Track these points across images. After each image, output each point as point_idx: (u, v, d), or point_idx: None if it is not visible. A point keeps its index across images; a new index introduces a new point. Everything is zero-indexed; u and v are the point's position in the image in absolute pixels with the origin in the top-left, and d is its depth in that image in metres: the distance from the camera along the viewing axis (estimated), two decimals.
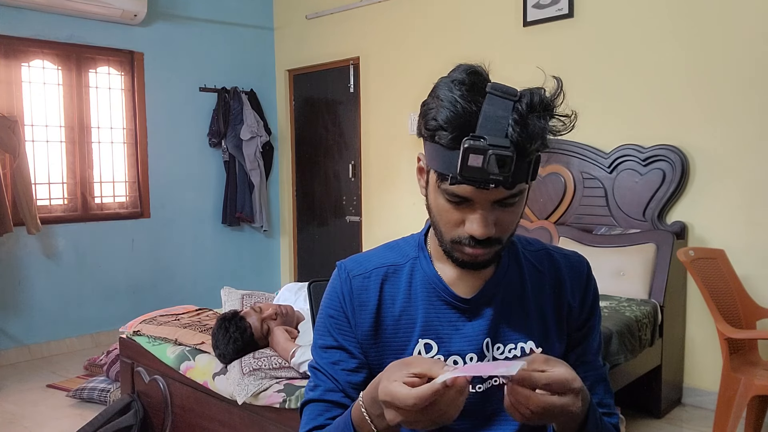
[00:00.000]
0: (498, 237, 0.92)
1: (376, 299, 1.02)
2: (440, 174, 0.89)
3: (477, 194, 0.87)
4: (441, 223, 0.94)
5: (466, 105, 0.84)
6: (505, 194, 0.88)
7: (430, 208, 0.97)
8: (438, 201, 0.92)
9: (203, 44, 4.96)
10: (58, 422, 3.13)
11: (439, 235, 0.96)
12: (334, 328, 1.03)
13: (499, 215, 0.91)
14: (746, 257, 3.03)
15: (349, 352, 1.02)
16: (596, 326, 1.10)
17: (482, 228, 0.89)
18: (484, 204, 0.89)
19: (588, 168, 3.54)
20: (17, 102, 4.11)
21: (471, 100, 0.85)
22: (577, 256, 1.10)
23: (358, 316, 1.01)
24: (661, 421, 3.07)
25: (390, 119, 4.55)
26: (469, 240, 0.91)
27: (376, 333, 1.01)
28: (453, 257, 0.96)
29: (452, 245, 0.94)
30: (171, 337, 2.65)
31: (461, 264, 0.97)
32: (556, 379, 0.81)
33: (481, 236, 0.89)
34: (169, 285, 4.82)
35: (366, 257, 1.07)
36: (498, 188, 0.86)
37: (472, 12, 4.08)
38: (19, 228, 4.01)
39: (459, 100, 0.85)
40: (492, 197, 0.88)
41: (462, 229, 0.91)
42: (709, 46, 3.14)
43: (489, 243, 0.92)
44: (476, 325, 1.00)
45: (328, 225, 5.24)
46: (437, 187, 0.91)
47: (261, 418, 2.19)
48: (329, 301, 1.05)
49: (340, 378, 1.02)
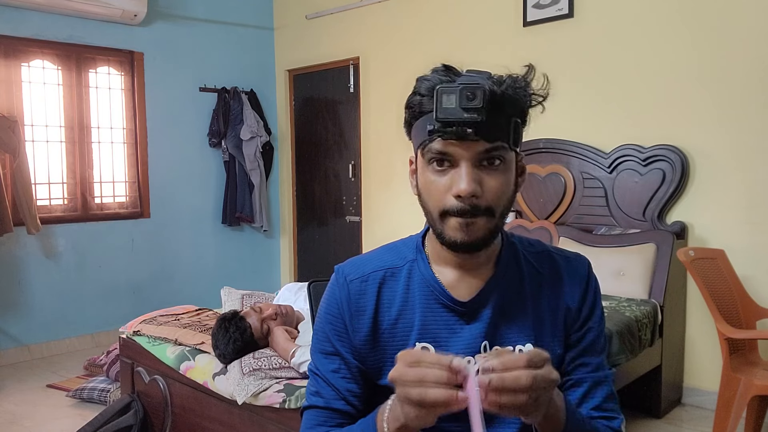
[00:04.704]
0: (487, 206, 0.91)
1: (374, 303, 1.01)
2: (422, 143, 0.92)
3: (458, 149, 0.89)
4: (430, 199, 0.94)
5: (444, 77, 0.91)
6: (486, 147, 0.89)
7: (420, 195, 0.97)
8: (426, 177, 0.94)
9: (203, 44, 4.96)
10: (58, 422, 3.13)
11: (430, 216, 0.96)
12: (332, 334, 1.03)
13: (483, 177, 0.91)
14: (746, 257, 3.03)
15: (345, 360, 1.02)
16: (596, 328, 1.08)
17: (466, 183, 0.89)
18: (467, 160, 0.90)
19: (588, 168, 3.54)
20: (17, 102, 4.11)
21: (448, 76, 0.91)
22: (579, 258, 1.09)
23: (356, 322, 1.01)
24: (661, 421, 3.07)
25: (390, 119, 4.54)
26: (458, 207, 0.90)
27: (374, 337, 1.01)
28: (445, 239, 0.94)
29: (443, 223, 0.93)
30: (171, 337, 2.65)
31: (454, 245, 0.94)
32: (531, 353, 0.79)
33: (466, 192, 0.89)
34: (169, 285, 4.82)
35: (364, 260, 1.06)
36: (478, 141, 0.88)
37: (472, 12, 4.08)
38: (19, 228, 4.01)
39: (437, 76, 0.91)
40: (473, 151, 0.89)
41: (449, 196, 0.91)
42: (710, 46, 3.14)
43: (477, 210, 0.91)
44: (474, 328, 0.99)
45: (328, 225, 5.24)
46: (424, 161, 0.93)
47: (261, 418, 2.19)
48: (327, 306, 1.05)
49: (340, 386, 1.01)
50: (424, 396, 0.77)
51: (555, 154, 3.65)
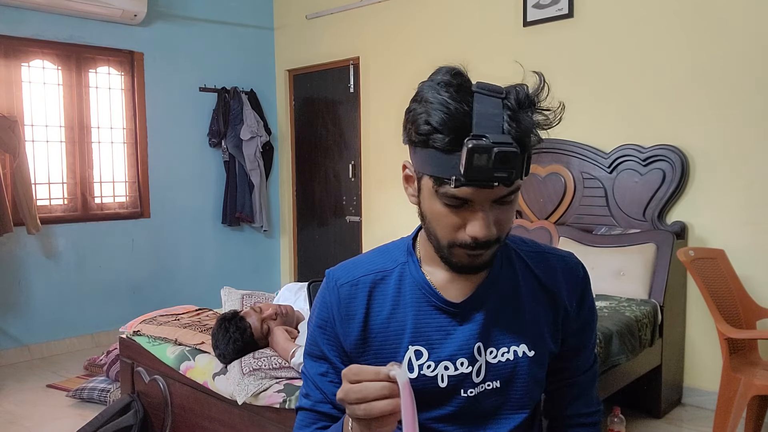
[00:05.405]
0: (497, 236, 0.91)
1: (364, 308, 1.00)
2: (437, 178, 0.87)
3: (478, 194, 0.86)
4: (439, 228, 0.92)
5: (458, 105, 0.84)
6: (504, 192, 0.87)
7: (424, 215, 0.95)
8: (434, 207, 0.91)
9: (203, 44, 4.96)
10: (58, 422, 3.13)
11: (436, 241, 0.94)
12: (322, 339, 1.03)
13: (497, 214, 0.90)
14: (746, 257, 3.03)
15: (334, 365, 1.02)
16: (590, 327, 1.11)
17: (485, 229, 0.88)
18: (484, 204, 0.88)
19: (588, 168, 3.54)
20: (17, 102, 4.11)
21: (461, 101, 0.84)
22: (574, 259, 1.09)
23: (347, 326, 1.00)
24: (661, 421, 3.07)
25: (390, 119, 4.54)
26: (471, 243, 0.90)
27: (365, 342, 1.00)
28: (451, 263, 0.95)
29: (450, 250, 0.93)
30: (171, 337, 2.65)
31: (459, 269, 0.95)
32: None
33: (484, 238, 0.88)
34: (169, 285, 4.82)
35: (355, 263, 1.06)
36: (499, 186, 0.85)
37: (472, 12, 4.08)
38: (19, 228, 4.01)
39: (450, 101, 0.84)
40: (492, 196, 0.87)
41: (462, 232, 0.90)
42: (710, 46, 3.14)
43: (488, 244, 0.91)
44: (467, 330, 0.98)
45: (328, 225, 5.24)
46: (434, 192, 0.89)
47: (261, 418, 2.19)
48: (318, 311, 1.04)
49: (327, 390, 1.02)
50: (370, 411, 0.79)
51: (555, 154, 3.65)
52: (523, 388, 1.01)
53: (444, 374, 0.98)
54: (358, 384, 0.80)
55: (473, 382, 0.98)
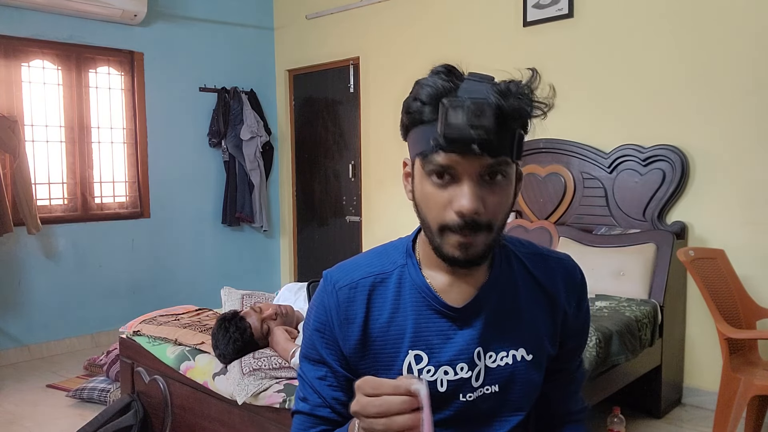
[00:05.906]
0: (487, 221, 0.89)
1: (364, 311, 0.98)
2: (423, 153, 0.88)
3: (461, 163, 0.86)
4: (429, 211, 0.91)
5: (446, 83, 0.87)
6: (490, 162, 0.86)
7: (417, 204, 0.94)
8: (425, 188, 0.90)
9: (203, 44, 4.96)
10: (58, 422, 3.13)
11: (428, 229, 0.93)
12: (319, 342, 1.00)
13: (486, 194, 0.88)
14: (746, 257, 3.03)
15: (333, 369, 1.00)
16: (586, 330, 1.12)
17: (469, 200, 0.86)
18: (470, 176, 0.87)
19: (588, 168, 3.54)
20: (17, 102, 4.11)
21: (450, 81, 0.87)
22: (571, 262, 1.08)
23: (345, 330, 0.98)
24: (661, 421, 3.07)
25: (390, 119, 4.54)
26: (458, 223, 0.88)
27: (364, 346, 0.98)
28: (443, 253, 0.92)
29: (441, 237, 0.91)
30: (171, 337, 2.65)
31: (452, 261, 0.92)
32: None
33: (469, 210, 0.86)
34: (169, 285, 4.82)
35: (353, 265, 1.03)
36: (483, 156, 0.85)
37: (472, 12, 4.08)
38: (19, 228, 4.01)
39: (439, 80, 0.87)
40: (478, 167, 0.86)
41: (449, 211, 0.88)
42: (709, 46, 3.14)
43: (478, 227, 0.88)
44: (467, 334, 0.97)
45: (328, 225, 5.24)
46: (423, 172, 0.90)
47: (261, 418, 2.19)
48: (316, 314, 1.02)
49: (326, 394, 1.00)
50: (391, 426, 0.78)
51: (555, 154, 3.65)
52: (520, 392, 1.00)
53: (443, 379, 0.97)
54: (379, 398, 0.78)
55: (472, 387, 0.97)
